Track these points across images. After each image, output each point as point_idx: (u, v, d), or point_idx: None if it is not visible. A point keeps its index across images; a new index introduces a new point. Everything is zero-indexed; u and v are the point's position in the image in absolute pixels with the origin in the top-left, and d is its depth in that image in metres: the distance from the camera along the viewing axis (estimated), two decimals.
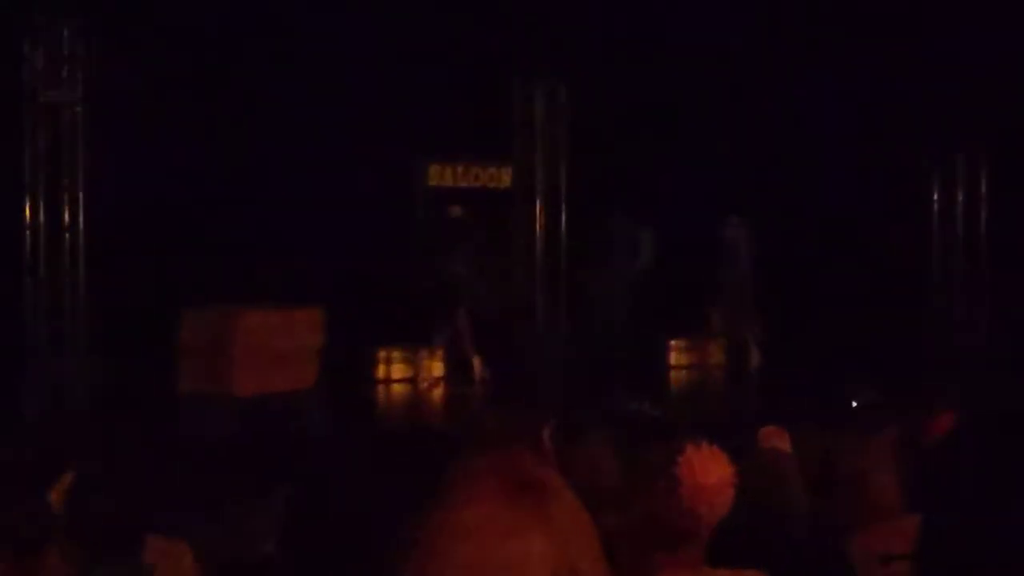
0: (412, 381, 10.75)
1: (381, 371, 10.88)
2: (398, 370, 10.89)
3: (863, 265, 11.86)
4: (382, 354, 10.89)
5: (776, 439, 4.04)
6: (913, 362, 10.85)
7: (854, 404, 7.87)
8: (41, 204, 9.03)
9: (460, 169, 11.95)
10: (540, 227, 12.37)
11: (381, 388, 10.70)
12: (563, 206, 12.38)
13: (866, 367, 9.58)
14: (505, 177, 12.25)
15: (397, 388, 10.67)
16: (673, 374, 12.11)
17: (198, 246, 10.45)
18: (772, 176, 12.07)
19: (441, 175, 11.85)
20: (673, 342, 12.28)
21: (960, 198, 11.90)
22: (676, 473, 2.04)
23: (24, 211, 9.02)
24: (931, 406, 3.80)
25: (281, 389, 9.42)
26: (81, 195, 9.11)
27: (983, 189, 11.92)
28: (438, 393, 10.37)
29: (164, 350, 9.52)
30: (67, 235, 9.08)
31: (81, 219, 9.11)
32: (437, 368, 10.64)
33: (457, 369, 10.45)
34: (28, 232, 9.02)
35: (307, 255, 11.07)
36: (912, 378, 9.96)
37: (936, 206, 11.98)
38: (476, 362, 10.45)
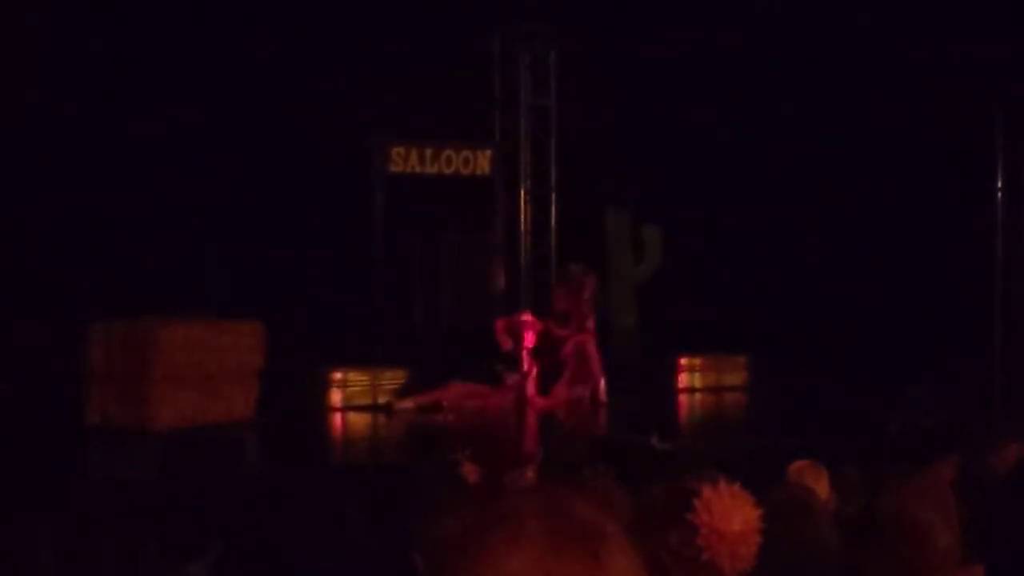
0: (374, 408, 10.73)
1: (335, 397, 10.84)
2: (356, 395, 10.86)
3: (912, 264, 11.95)
4: (336, 376, 10.86)
5: (810, 476, 4.05)
6: (972, 381, 10.91)
7: (898, 431, 7.89)
8: None
9: (428, 152, 11.94)
10: (525, 221, 12.41)
11: (336, 417, 10.66)
12: (553, 197, 12.41)
13: (917, 386, 9.63)
14: (483, 162, 12.26)
15: (355, 417, 10.63)
16: (684, 398, 12.14)
17: (110, 246, 10.40)
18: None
19: (406, 159, 11.83)
20: (684, 360, 12.31)
21: None
22: (692, 519, 2.04)
23: None
24: (995, 435, 3.81)
25: (212, 420, 9.38)
26: None
27: None
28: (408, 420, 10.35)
29: (68, 372, 9.45)
30: None
31: None
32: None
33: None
34: None
35: (245, 258, 11.03)
36: (971, 401, 10.01)
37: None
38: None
